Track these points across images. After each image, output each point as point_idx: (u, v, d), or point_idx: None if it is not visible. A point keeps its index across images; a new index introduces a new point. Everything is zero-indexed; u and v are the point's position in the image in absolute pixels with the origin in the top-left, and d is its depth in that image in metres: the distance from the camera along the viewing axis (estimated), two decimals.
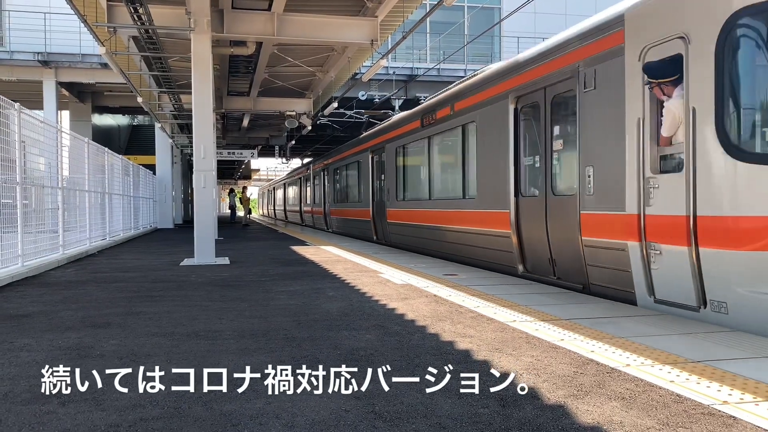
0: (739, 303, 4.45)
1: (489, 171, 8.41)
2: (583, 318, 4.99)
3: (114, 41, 12.76)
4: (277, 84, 17.79)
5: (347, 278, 7.64)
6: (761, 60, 4.43)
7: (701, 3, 4.73)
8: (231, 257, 10.79)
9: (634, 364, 3.61)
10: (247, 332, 4.52)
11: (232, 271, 8.74)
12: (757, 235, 4.29)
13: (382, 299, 5.98)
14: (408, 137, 12.09)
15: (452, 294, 6.28)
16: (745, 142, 4.41)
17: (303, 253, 11.79)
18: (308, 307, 5.63)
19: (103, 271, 8.96)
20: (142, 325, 4.84)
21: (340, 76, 16.96)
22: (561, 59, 6.59)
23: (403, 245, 12.43)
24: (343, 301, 5.94)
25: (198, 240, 10.13)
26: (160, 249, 13.48)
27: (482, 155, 8.63)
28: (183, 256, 11.00)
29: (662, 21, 5.10)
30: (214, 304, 5.87)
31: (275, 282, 7.48)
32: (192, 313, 5.39)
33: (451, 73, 24.30)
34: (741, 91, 4.55)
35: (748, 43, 4.47)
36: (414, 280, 7.38)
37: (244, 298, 6.26)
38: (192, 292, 6.71)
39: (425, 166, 11.31)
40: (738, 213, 4.40)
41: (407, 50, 24.73)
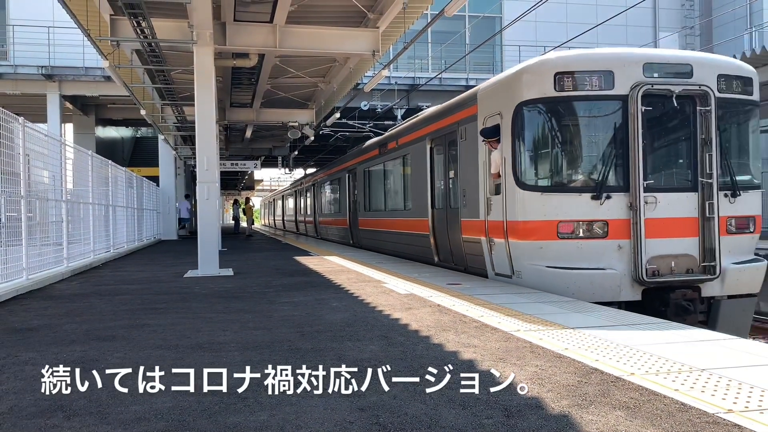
0: (525, 272, 7.57)
1: (418, 190, 11.57)
2: (592, 325, 4.98)
3: (117, 55, 12.85)
4: (280, 95, 17.87)
5: (351, 288, 7.65)
6: (532, 130, 7.61)
7: (506, 94, 7.78)
8: (235, 268, 10.81)
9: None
10: (251, 344, 4.52)
11: (235, 282, 8.76)
12: (530, 232, 7.37)
13: (385, 309, 5.99)
14: (371, 162, 15.62)
15: (456, 303, 6.28)
16: (524, 178, 7.51)
17: (306, 263, 11.80)
18: (312, 317, 5.64)
19: (107, 284, 8.98)
20: (147, 337, 4.84)
21: (342, 87, 17.02)
22: (451, 117, 9.89)
23: (372, 247, 15.53)
24: (346, 311, 5.94)
25: (202, 251, 10.14)
26: (163, 260, 13.50)
27: (413, 179, 11.91)
28: (186, 267, 11.02)
29: (492, 101, 8.26)
30: (218, 316, 5.88)
31: (279, 293, 7.49)
32: (196, 324, 5.40)
33: (453, 82, 24.37)
34: (522, 148, 7.56)
35: (527, 120, 7.51)
36: (417, 289, 7.38)
37: (248, 309, 6.27)
38: (196, 304, 6.71)
39: (382, 184, 14.91)
40: (523, 219, 7.47)
41: (409, 60, 24.83)
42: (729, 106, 7.59)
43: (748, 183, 7.74)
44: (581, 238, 7.15)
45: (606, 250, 7.14)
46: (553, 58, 7.52)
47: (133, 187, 18.42)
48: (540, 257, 7.31)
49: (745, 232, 7.64)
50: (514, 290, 7.23)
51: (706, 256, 7.29)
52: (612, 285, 7.05)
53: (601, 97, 7.27)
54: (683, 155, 7.59)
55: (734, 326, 7.37)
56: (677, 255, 7.26)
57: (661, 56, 7.55)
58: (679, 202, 7.32)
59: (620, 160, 7.24)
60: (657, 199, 7.21)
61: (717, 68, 7.53)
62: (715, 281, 7.31)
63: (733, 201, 7.53)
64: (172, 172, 25.43)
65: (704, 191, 7.32)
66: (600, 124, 7.60)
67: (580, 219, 7.16)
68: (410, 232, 11.99)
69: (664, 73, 7.34)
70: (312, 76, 16.12)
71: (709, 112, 7.24)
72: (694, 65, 7.41)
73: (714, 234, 7.23)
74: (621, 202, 7.17)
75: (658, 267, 7.17)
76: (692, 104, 7.34)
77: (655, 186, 7.21)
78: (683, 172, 7.56)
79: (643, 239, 7.05)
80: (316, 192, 25.20)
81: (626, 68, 7.22)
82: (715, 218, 7.24)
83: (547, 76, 7.27)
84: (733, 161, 7.70)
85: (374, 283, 8.21)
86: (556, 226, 7.16)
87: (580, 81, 7.21)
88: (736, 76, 7.62)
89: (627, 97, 7.15)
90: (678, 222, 7.33)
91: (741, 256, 7.59)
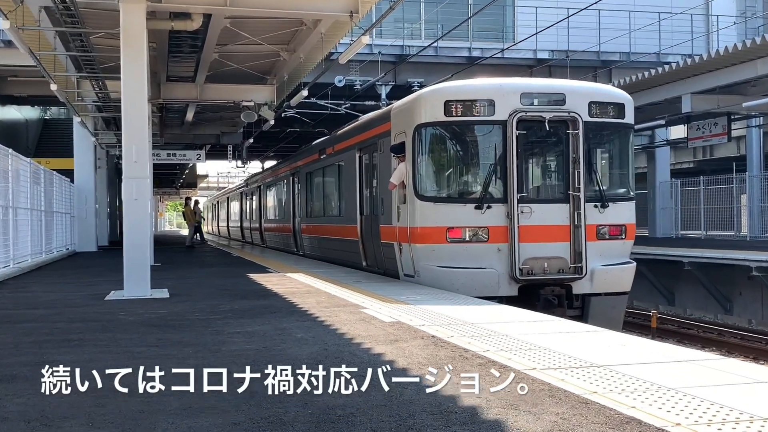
0: (422, 272, 10.53)
1: (350, 197, 14.51)
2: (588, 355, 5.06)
3: (21, 12, 12.72)
4: (231, 67, 17.82)
5: (321, 315, 7.69)
6: (426, 149, 10.82)
7: (408, 115, 10.98)
8: (171, 288, 10.77)
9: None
10: None
11: (172, 307, 8.73)
12: (426, 236, 10.37)
13: (365, 342, 6.03)
14: (314, 165, 18.37)
15: (455, 335, 6.31)
16: (420, 190, 10.59)
17: (263, 282, 11.79)
18: (271, 352, 5.65)
19: (5, 308, 8.87)
20: (57, 378, 4.79)
21: (310, 57, 17.02)
22: (374, 131, 13.03)
23: (315, 256, 18.15)
24: (315, 344, 5.97)
25: (128, 267, 10.07)
26: (79, 278, 13.39)
27: (346, 186, 15.02)
28: (109, 287, 10.95)
29: (400, 120, 11.38)
30: (149, 351, 5.85)
31: (228, 321, 7.49)
32: (121, 361, 5.34)
33: (452, 53, 24.52)
34: (419, 163, 10.67)
35: (423, 140, 10.70)
36: (406, 316, 7.43)
37: (189, 342, 6.26)
38: (121, 335, 6.68)
39: (322, 189, 18.18)
40: (420, 225, 10.46)
41: (396, 24, 24.91)
42: (600, 129, 10.80)
43: (621, 195, 11.01)
44: (467, 242, 10.15)
45: (487, 253, 10.14)
46: (445, 86, 11.16)
47: (41, 183, 18.26)
48: (434, 258, 10.34)
49: (617, 238, 10.72)
50: (411, 288, 10.15)
51: (576, 258, 10.25)
52: (491, 282, 10.06)
53: (484, 122, 10.46)
54: (557, 171, 10.94)
55: (606, 320, 9.86)
56: (550, 257, 10.24)
57: (537, 86, 11.07)
58: (552, 211, 10.38)
59: (500, 176, 10.33)
60: (532, 209, 10.21)
61: (589, 96, 10.63)
62: (583, 280, 10.27)
63: (602, 211, 10.55)
64: (91, 164, 25.25)
65: (574, 202, 10.29)
66: (483, 145, 10.94)
67: (465, 226, 10.17)
68: (343, 238, 15.21)
69: (540, 102, 10.42)
70: (272, 43, 16.10)
71: (577, 135, 10.23)
72: (567, 94, 10.49)
73: (581, 239, 10.20)
74: (500, 211, 10.19)
75: (532, 267, 10.15)
76: (565, 128, 10.35)
77: (530, 197, 10.33)
78: (556, 186, 10.83)
79: (517, 243, 10.04)
80: (263, 195, 27.68)
81: (505, 97, 10.23)
82: (582, 226, 10.23)
83: (438, 102, 10.36)
84: (604, 176, 11.06)
85: (350, 307, 8.26)
86: (446, 231, 10.18)
87: (465, 108, 10.30)
88: (608, 102, 10.74)
89: (506, 122, 10.11)
90: (551, 229, 10.31)
91: (612, 259, 10.62)
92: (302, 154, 20.71)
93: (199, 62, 16.93)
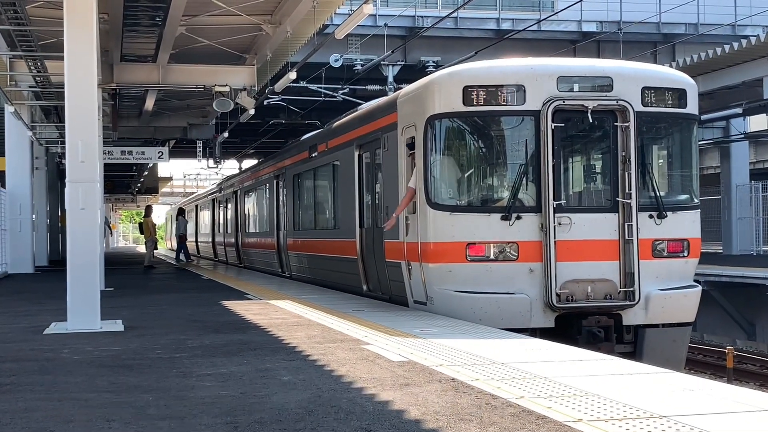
0: (437, 298, 10.48)
1: (346, 204, 14.68)
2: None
3: None
4: (201, 44, 17.89)
5: (312, 352, 7.70)
6: (441, 146, 10.67)
7: (419, 105, 10.81)
8: (127, 320, 10.77)
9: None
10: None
11: (128, 343, 8.72)
12: (440, 254, 10.32)
13: (368, 386, 6.03)
14: (302, 165, 18.55)
15: (479, 377, 6.31)
16: (433, 197, 10.36)
17: (241, 311, 11.79)
18: (251, 400, 5.65)
19: None
20: None
21: (300, 31, 17.08)
22: (375, 123, 12.87)
23: (304, 277, 18.61)
24: (306, 390, 5.96)
25: (73, 293, 10.08)
26: (12, 307, 13.38)
27: (342, 191, 15.07)
28: (49, 318, 10.95)
29: (409, 111, 11.17)
30: (99, 398, 5.83)
31: (197, 360, 7.49)
32: (63, 412, 5.36)
33: (476, 25, 24.56)
34: (432, 164, 10.46)
35: (436, 135, 10.50)
36: (419, 353, 7.44)
37: (148, 387, 6.24)
38: (64, 378, 6.66)
39: (313, 195, 18.62)
40: (433, 240, 10.38)
41: None
42: (656, 121, 10.59)
43: (683, 203, 10.74)
44: (491, 261, 10.00)
45: (517, 274, 9.96)
46: (464, 68, 10.74)
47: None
48: (451, 281, 10.22)
49: (678, 256, 10.44)
50: (424, 318, 10.09)
51: (627, 281, 10.04)
52: (522, 311, 9.86)
53: (512, 113, 10.26)
54: (602, 173, 10.67)
55: (664, 357, 9.74)
56: (594, 279, 10.04)
57: (578, 68, 10.72)
58: (597, 223, 10.16)
59: (532, 179, 10.13)
60: (571, 220, 10.01)
61: (642, 80, 10.38)
62: (636, 308, 10.04)
63: (659, 222, 10.28)
64: (28, 164, 25.30)
65: (624, 212, 10.09)
66: (511, 141, 10.69)
67: (490, 241, 9.99)
68: (339, 256, 15.15)
69: (581, 87, 10.17)
70: (252, 14, 16.17)
71: (628, 128, 10.02)
72: (615, 77, 10.23)
73: (633, 258, 9.97)
74: (533, 222, 9.98)
75: (572, 292, 9.94)
76: (612, 119, 10.18)
77: (569, 206, 10.18)
78: (602, 192, 10.56)
79: (554, 262, 9.79)
80: (240, 202, 27.65)
81: (539, 81, 10.04)
82: (635, 241, 9.98)
83: (456, 88, 10.14)
84: (662, 179, 10.80)
85: (350, 343, 8.28)
86: (465, 248, 10.00)
87: (489, 95, 10.09)
88: (666, 88, 10.48)
89: (539, 113, 9.92)
90: (595, 244, 10.10)
91: (672, 281, 10.40)
92: (289, 152, 20.88)
93: (162, 38, 16.98)
